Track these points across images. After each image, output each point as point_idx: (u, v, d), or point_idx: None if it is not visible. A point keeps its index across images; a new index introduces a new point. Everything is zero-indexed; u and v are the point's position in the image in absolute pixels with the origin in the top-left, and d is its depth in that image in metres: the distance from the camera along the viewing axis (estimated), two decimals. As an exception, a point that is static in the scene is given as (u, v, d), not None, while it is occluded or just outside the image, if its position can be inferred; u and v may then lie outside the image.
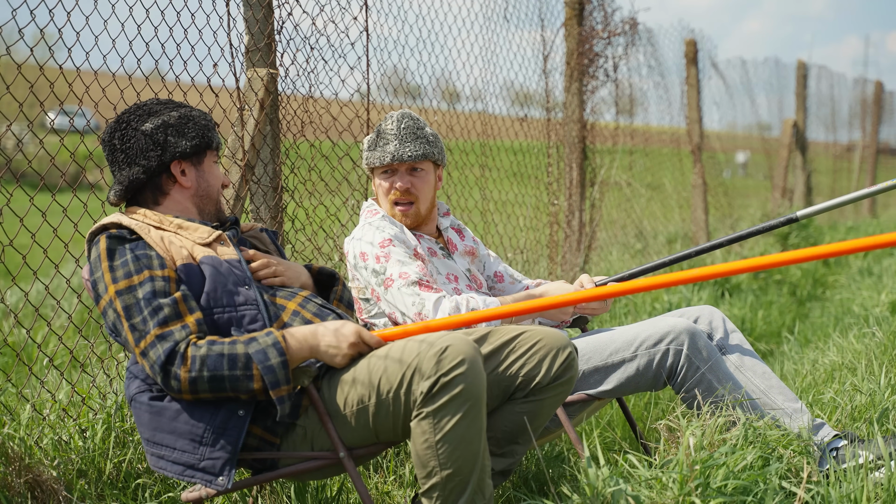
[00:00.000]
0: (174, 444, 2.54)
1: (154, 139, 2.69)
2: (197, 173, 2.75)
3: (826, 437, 2.98)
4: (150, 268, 2.55)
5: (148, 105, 2.74)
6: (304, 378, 2.52)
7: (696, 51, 9.23)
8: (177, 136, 2.70)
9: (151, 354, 2.47)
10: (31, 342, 5.34)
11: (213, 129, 2.79)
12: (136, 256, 2.56)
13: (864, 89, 18.13)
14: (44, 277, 3.35)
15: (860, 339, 4.59)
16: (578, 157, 6.55)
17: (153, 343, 2.47)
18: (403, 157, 3.21)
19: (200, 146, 2.73)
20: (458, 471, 2.46)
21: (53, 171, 3.38)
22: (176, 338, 2.47)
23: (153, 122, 2.70)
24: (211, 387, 2.46)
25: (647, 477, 2.38)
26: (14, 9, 3.08)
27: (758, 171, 17.45)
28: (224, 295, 2.60)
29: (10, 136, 3.33)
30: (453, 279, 3.24)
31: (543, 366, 2.63)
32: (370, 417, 2.53)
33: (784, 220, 3.22)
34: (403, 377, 2.47)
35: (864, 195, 3.20)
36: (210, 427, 2.51)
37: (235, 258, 2.69)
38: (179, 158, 2.71)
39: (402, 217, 3.26)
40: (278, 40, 3.87)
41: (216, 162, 2.81)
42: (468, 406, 2.43)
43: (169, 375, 2.45)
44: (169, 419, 2.54)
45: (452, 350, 2.43)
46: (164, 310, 2.49)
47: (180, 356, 2.45)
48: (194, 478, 2.52)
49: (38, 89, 3.17)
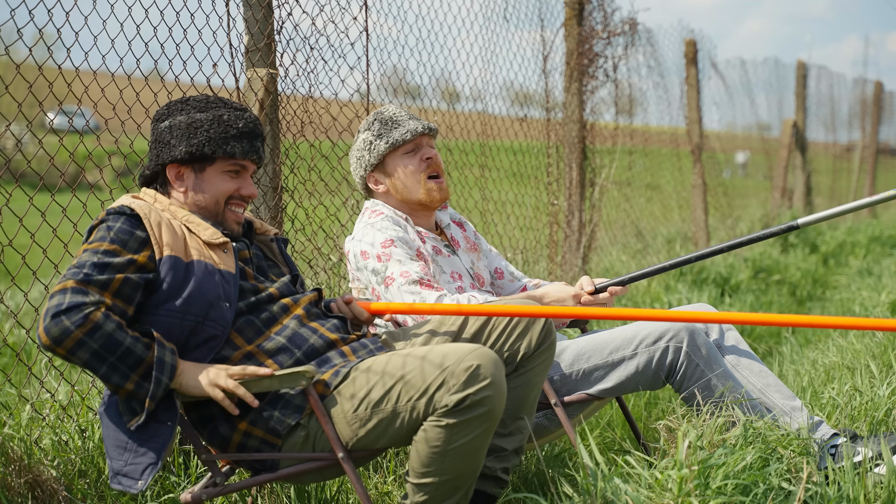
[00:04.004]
0: (111, 452, 2.54)
1: (161, 137, 2.70)
2: (195, 181, 2.71)
3: (825, 436, 2.98)
4: (123, 245, 2.52)
5: (190, 101, 2.73)
6: (301, 380, 2.52)
7: (695, 51, 9.23)
8: (178, 140, 2.67)
9: (56, 298, 2.39)
10: (30, 342, 5.34)
11: (238, 139, 2.69)
12: (120, 229, 2.54)
13: (864, 89, 18.12)
14: (43, 278, 3.35)
15: (860, 338, 4.59)
16: (578, 157, 6.55)
17: (66, 290, 2.40)
18: (431, 128, 3.24)
19: (198, 155, 2.67)
20: (456, 478, 2.51)
21: (53, 171, 3.38)
22: (86, 300, 2.40)
23: (172, 119, 2.70)
24: (88, 360, 2.40)
25: (647, 477, 2.38)
26: (13, 9, 3.08)
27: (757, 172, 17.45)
28: (202, 305, 2.56)
29: (9, 136, 3.33)
30: (457, 277, 3.23)
31: (525, 337, 2.71)
32: (382, 423, 2.52)
33: (785, 228, 3.25)
34: (428, 388, 2.47)
35: (864, 205, 3.23)
36: (135, 435, 2.50)
37: (231, 272, 2.65)
38: (172, 162, 2.70)
39: (439, 192, 3.24)
40: (278, 40, 3.87)
41: (232, 173, 2.73)
42: (488, 425, 2.47)
43: (59, 324, 2.36)
44: (109, 429, 2.54)
45: (484, 369, 2.45)
46: (96, 275, 2.45)
47: (83, 316, 2.38)
48: (120, 484, 2.51)
49: (37, 89, 3.16)
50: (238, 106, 2.75)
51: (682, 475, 2.30)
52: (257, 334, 2.65)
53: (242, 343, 2.63)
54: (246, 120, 2.72)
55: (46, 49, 3.24)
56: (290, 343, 2.65)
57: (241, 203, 2.76)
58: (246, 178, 2.76)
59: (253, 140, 2.73)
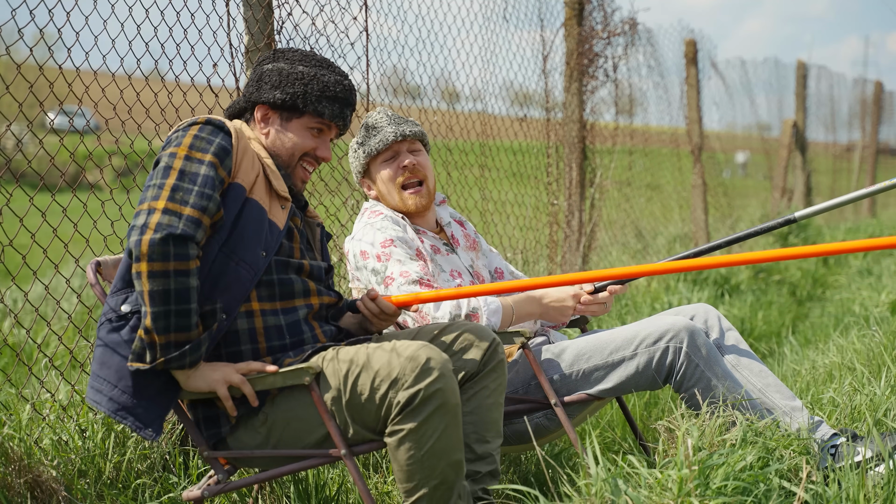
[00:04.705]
0: (117, 383, 2.53)
1: (261, 77, 2.78)
2: (279, 127, 2.78)
3: (825, 436, 2.98)
4: (222, 160, 2.57)
5: (298, 53, 2.81)
6: (304, 376, 2.53)
7: (695, 51, 9.23)
8: (276, 85, 2.75)
9: (170, 218, 2.44)
10: (31, 342, 5.34)
11: (331, 101, 2.76)
12: (220, 145, 2.59)
13: (864, 89, 18.13)
14: (43, 278, 3.35)
15: (860, 339, 4.59)
16: (578, 157, 6.55)
17: (180, 215, 2.45)
18: (406, 133, 3.22)
19: (290, 104, 2.74)
20: (444, 480, 2.53)
21: (53, 171, 3.39)
22: (197, 236, 2.46)
23: (276, 64, 2.78)
24: (154, 291, 2.42)
25: (647, 477, 2.38)
26: (13, 9, 3.08)
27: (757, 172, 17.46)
28: (244, 247, 2.60)
29: (9, 136, 3.33)
30: (457, 275, 3.23)
31: (468, 354, 2.70)
32: (345, 414, 2.56)
33: (782, 221, 3.23)
34: (379, 386, 2.51)
35: (862, 195, 3.20)
36: (154, 382, 2.52)
37: (280, 227, 2.68)
38: (264, 103, 2.76)
39: (416, 199, 3.23)
40: (278, 40, 3.87)
41: (315, 131, 2.79)
42: (448, 418, 2.50)
43: (164, 245, 2.41)
44: (120, 359, 2.53)
45: (432, 362, 2.48)
46: (210, 204, 2.51)
47: (186, 255, 2.43)
48: (126, 420, 2.52)
49: (37, 89, 3.17)
50: (340, 71, 2.82)
51: (683, 475, 2.30)
52: (269, 299, 2.67)
53: (253, 297, 2.65)
54: (344, 86, 2.80)
55: (47, 49, 3.24)
56: (287, 330, 2.67)
57: (313, 162, 2.83)
58: (325, 140, 2.83)
59: (344, 106, 2.81)
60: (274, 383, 2.55)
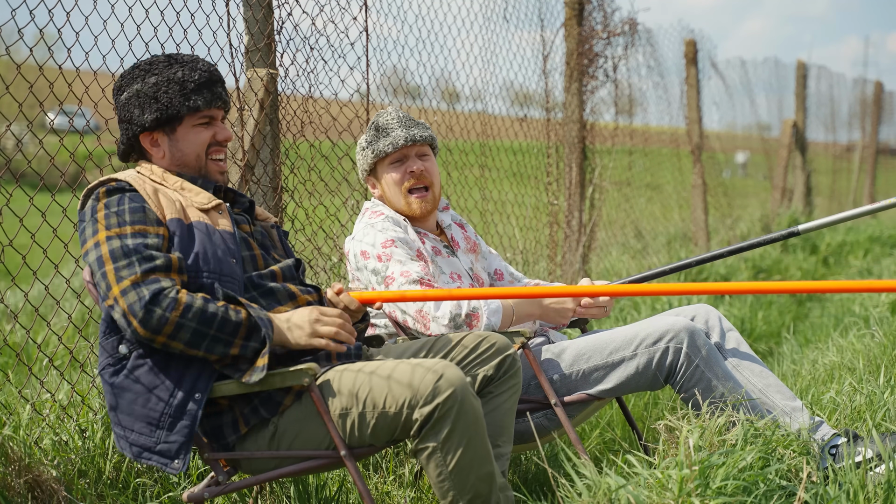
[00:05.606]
0: (132, 426, 2.53)
1: (125, 111, 2.70)
2: (170, 142, 2.71)
3: (825, 436, 2.98)
4: (144, 223, 2.54)
5: (141, 66, 2.71)
6: (304, 377, 2.52)
7: (695, 51, 9.23)
8: (141, 109, 2.67)
9: (132, 295, 2.42)
10: (31, 342, 5.34)
11: (198, 91, 2.68)
12: (132, 208, 2.55)
13: (864, 89, 18.12)
14: (43, 278, 3.35)
15: (860, 339, 4.59)
16: (578, 157, 6.55)
17: (137, 283, 2.43)
18: (416, 139, 3.21)
19: (164, 118, 2.67)
20: (478, 493, 2.52)
21: (53, 171, 3.38)
22: (163, 284, 2.44)
23: (129, 91, 2.69)
24: (190, 339, 2.45)
25: (647, 477, 2.38)
26: (13, 9, 3.08)
27: (757, 172, 17.46)
28: (213, 259, 2.58)
29: (9, 136, 3.33)
30: (456, 278, 3.23)
31: (489, 362, 2.71)
32: (354, 425, 2.56)
33: (785, 234, 3.32)
34: (393, 404, 2.50)
35: (864, 212, 3.29)
36: (167, 411, 2.51)
37: (230, 231, 2.67)
38: (143, 132, 2.70)
39: (421, 204, 3.24)
40: (278, 40, 3.88)
41: (203, 124, 2.72)
42: (472, 432, 2.49)
43: (152, 315, 2.40)
44: (128, 401, 2.52)
45: (447, 378, 2.47)
46: (155, 260, 2.47)
47: (171, 299, 2.43)
48: (150, 460, 2.52)
49: (37, 89, 3.17)
50: (188, 58, 2.73)
51: (683, 475, 2.30)
52: None
53: None
54: (201, 70, 2.71)
55: (47, 49, 3.24)
56: None
57: (220, 149, 2.77)
58: (217, 124, 2.77)
59: (213, 87, 2.72)
60: (273, 384, 2.55)
